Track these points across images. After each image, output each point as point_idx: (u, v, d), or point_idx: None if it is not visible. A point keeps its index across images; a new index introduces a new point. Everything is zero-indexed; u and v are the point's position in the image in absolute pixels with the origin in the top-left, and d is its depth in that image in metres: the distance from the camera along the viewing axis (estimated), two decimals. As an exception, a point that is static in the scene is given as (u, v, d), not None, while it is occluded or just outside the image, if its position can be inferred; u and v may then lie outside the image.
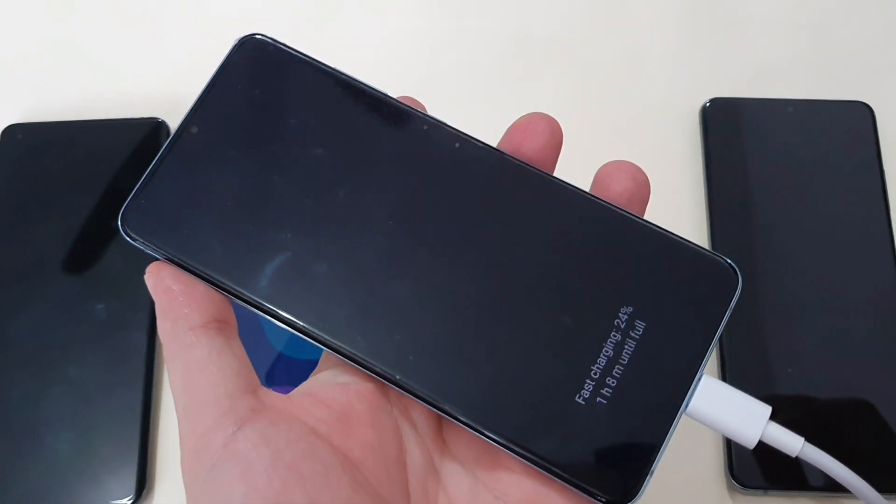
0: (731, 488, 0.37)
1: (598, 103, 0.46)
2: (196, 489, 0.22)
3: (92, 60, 0.47)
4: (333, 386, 0.24)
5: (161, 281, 0.24)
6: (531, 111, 0.26)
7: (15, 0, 0.49)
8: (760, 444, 0.24)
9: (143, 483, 0.37)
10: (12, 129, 0.44)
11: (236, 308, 0.25)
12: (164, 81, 0.46)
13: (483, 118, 0.28)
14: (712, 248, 0.41)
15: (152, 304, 0.40)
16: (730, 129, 0.43)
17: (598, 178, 0.26)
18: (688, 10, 0.48)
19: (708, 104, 0.44)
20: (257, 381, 0.24)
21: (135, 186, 0.25)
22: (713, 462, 0.38)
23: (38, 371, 0.39)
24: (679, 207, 0.43)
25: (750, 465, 0.37)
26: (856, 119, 0.43)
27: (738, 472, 0.37)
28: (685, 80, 0.46)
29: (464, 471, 0.25)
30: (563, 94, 0.46)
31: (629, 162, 0.26)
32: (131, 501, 0.37)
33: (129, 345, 0.40)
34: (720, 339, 0.39)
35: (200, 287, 0.24)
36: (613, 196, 0.25)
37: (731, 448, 0.37)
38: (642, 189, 0.25)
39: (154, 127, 0.44)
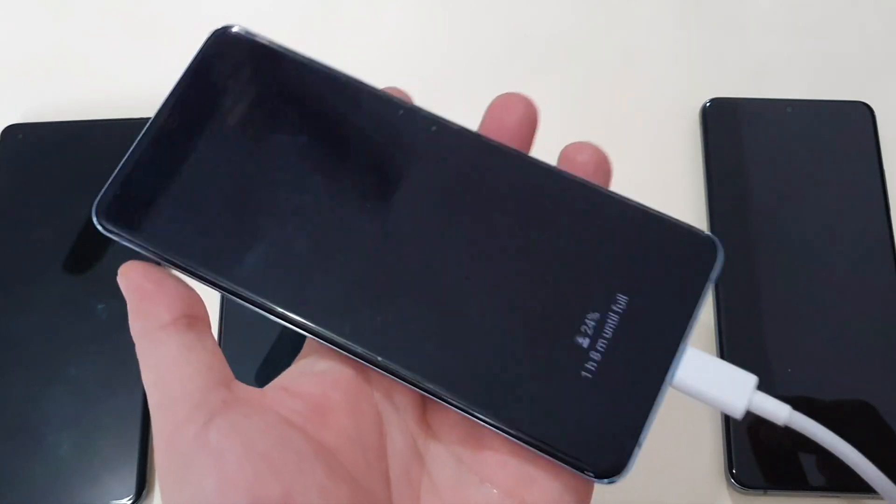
0: (731, 488, 0.37)
1: (598, 103, 0.46)
2: (169, 483, 0.22)
3: (92, 61, 0.47)
4: (309, 376, 0.24)
5: (131, 281, 0.24)
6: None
7: (15, 1, 0.49)
8: (760, 444, 0.24)
9: (143, 483, 0.37)
10: (12, 129, 0.44)
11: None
12: (163, 82, 0.46)
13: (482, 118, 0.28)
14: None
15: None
16: (730, 129, 0.43)
17: (564, 154, 0.26)
18: (688, 9, 0.48)
19: (708, 104, 0.44)
20: (230, 374, 0.24)
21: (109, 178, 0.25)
22: (713, 462, 0.38)
23: (38, 371, 0.39)
24: (679, 207, 0.43)
25: (750, 464, 0.37)
26: (856, 119, 0.43)
27: (738, 471, 0.37)
28: (685, 80, 0.46)
29: (448, 455, 0.25)
30: (563, 94, 0.46)
31: (588, 142, 0.26)
32: (131, 501, 0.37)
33: (129, 345, 0.39)
34: (720, 337, 0.39)
35: (170, 284, 0.24)
36: (580, 164, 0.26)
37: (731, 448, 0.37)
38: (604, 163, 0.26)
39: (154, 127, 0.44)
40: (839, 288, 0.40)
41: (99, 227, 0.25)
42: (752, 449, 0.37)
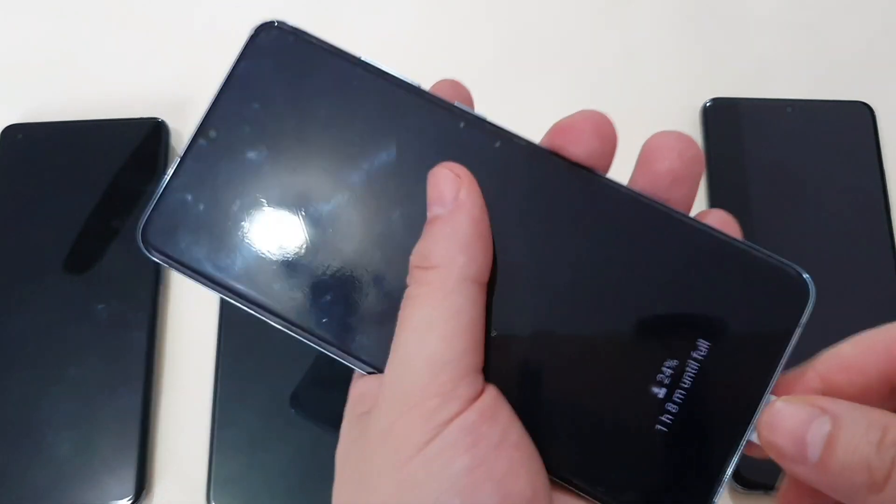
0: (731, 488, 0.37)
1: (599, 103, 0.45)
2: (409, 444, 0.20)
3: (92, 60, 0.47)
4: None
5: (468, 205, 0.21)
6: (584, 109, 0.24)
7: (15, 1, 0.49)
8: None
9: (142, 483, 0.37)
10: (12, 129, 0.44)
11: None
12: (164, 82, 0.46)
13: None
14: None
15: (152, 303, 0.40)
16: (730, 129, 0.43)
17: (645, 154, 0.23)
18: (688, 9, 0.48)
19: (708, 104, 0.44)
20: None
21: (151, 197, 0.23)
22: (713, 462, 0.38)
23: (38, 371, 0.39)
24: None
25: (750, 465, 0.36)
26: (856, 119, 0.43)
27: (738, 471, 0.37)
28: (685, 79, 0.46)
29: None
30: (563, 93, 0.46)
31: (676, 134, 0.23)
32: (130, 501, 0.37)
33: (129, 345, 0.39)
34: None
35: (486, 237, 0.22)
36: (658, 176, 0.23)
37: (731, 448, 0.37)
38: (690, 167, 0.23)
39: (154, 127, 0.44)
40: (839, 287, 0.40)
41: (144, 252, 0.23)
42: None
